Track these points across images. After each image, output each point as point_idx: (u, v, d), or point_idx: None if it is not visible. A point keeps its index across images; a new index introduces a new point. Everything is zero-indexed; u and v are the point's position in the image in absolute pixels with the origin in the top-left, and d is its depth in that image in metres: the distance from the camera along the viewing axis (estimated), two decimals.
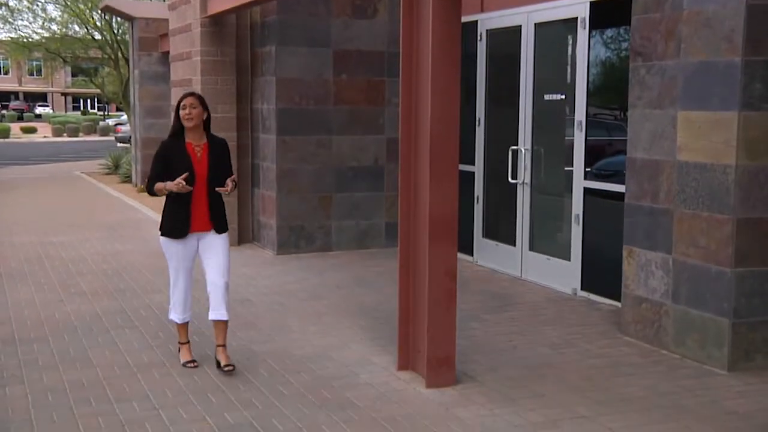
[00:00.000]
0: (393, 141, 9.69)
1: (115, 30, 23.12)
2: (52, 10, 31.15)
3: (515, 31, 8.33)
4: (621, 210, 6.42)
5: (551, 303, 7.36)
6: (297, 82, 9.52)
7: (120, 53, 22.90)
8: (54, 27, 26.78)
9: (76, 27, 25.83)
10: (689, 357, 5.73)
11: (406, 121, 5.28)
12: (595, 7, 7.29)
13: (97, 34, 24.20)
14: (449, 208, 5.13)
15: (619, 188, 6.75)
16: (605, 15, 7.22)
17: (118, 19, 21.47)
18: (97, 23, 23.88)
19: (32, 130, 49.79)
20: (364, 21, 9.71)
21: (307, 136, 9.62)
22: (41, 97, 75.68)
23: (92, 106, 76.52)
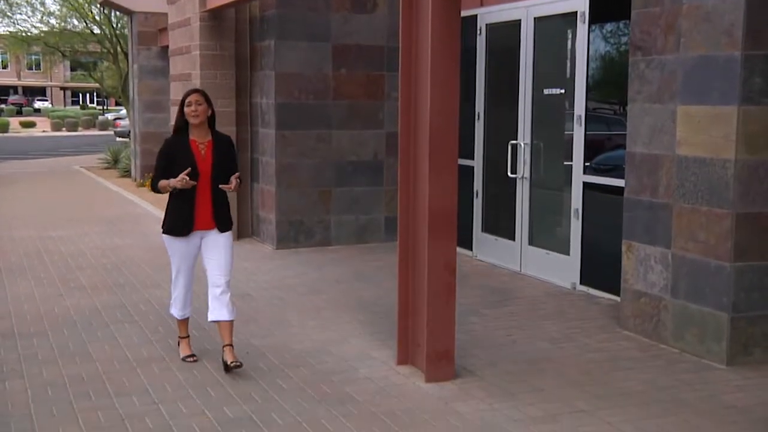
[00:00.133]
0: (392, 135, 9.68)
1: (114, 24, 23.09)
2: (51, 3, 31.16)
3: (515, 26, 8.32)
4: (620, 204, 6.42)
5: (550, 297, 7.37)
6: (296, 76, 9.50)
7: (119, 47, 22.87)
8: (53, 21, 26.82)
9: (75, 21, 25.85)
10: (688, 351, 5.74)
11: (405, 114, 5.27)
12: (594, 1, 7.28)
13: (96, 28, 24.18)
14: (449, 201, 5.12)
15: (619, 183, 6.75)
16: (605, 9, 7.22)
17: (117, 13, 21.43)
18: (96, 17, 23.86)
19: (31, 125, 49.77)
20: (363, 15, 9.69)
21: (307, 131, 9.61)
22: (40, 92, 75.53)
23: (91, 101, 76.30)
